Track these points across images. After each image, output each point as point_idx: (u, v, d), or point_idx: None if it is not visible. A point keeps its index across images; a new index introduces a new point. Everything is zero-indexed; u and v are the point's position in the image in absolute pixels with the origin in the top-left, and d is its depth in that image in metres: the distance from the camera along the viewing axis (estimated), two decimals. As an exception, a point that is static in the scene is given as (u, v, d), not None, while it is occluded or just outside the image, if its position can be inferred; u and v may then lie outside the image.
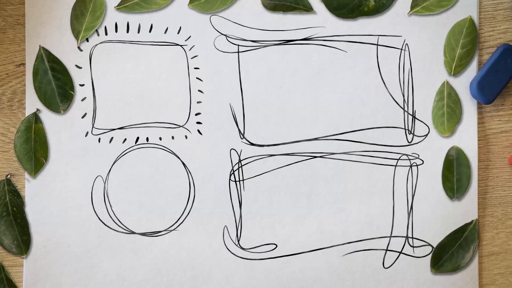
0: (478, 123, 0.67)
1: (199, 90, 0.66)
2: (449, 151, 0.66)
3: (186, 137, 0.66)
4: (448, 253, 0.66)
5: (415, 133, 0.66)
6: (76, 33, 0.65)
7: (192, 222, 0.66)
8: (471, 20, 0.65)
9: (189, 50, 0.66)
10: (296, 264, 0.66)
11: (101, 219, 0.66)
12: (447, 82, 0.66)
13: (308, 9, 0.65)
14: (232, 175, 0.66)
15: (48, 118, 0.65)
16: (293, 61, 0.66)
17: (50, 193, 0.65)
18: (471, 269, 0.66)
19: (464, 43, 0.65)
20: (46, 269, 0.65)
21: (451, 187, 0.66)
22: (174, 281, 0.66)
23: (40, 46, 0.65)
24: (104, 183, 0.66)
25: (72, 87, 0.65)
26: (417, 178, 0.66)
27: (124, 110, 0.66)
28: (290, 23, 0.66)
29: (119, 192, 0.66)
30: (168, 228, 0.66)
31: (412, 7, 0.66)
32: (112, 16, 0.66)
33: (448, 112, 0.66)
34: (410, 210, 0.66)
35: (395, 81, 0.66)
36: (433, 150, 0.66)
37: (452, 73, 0.66)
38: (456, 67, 0.66)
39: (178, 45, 0.66)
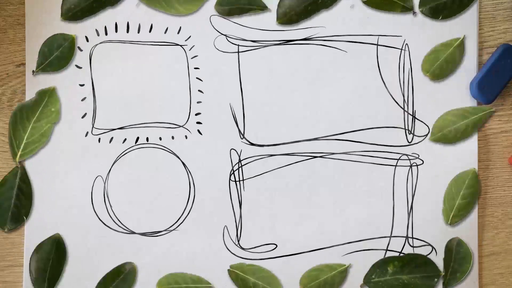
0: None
1: (199, 90, 0.66)
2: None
3: (186, 137, 0.66)
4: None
5: (415, 133, 0.66)
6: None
7: (192, 222, 0.66)
8: (474, 173, 0.65)
9: (189, 50, 0.66)
10: (296, 264, 0.66)
11: (101, 219, 0.66)
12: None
13: (263, 7, 0.65)
14: (232, 175, 0.66)
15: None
16: (293, 61, 0.66)
17: (50, 193, 0.65)
18: (471, 268, 0.66)
19: (465, 195, 0.65)
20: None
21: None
22: (174, 281, 0.66)
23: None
24: (104, 183, 0.66)
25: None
26: (417, 178, 0.66)
27: (124, 110, 0.66)
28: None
29: (119, 192, 0.66)
30: (168, 228, 0.66)
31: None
32: (112, 16, 0.66)
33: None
34: (410, 210, 0.66)
35: (395, 81, 0.66)
36: (433, 150, 0.66)
37: (449, 223, 0.66)
38: (454, 216, 0.66)
39: (178, 45, 0.66)
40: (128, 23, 0.66)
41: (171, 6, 0.65)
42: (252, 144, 0.66)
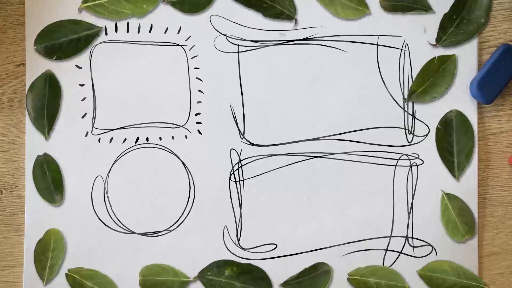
0: (478, 123, 0.67)
1: (199, 90, 0.66)
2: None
3: (186, 137, 0.66)
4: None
5: (415, 133, 0.66)
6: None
7: (192, 222, 0.66)
8: None
9: (189, 50, 0.66)
10: (296, 264, 0.66)
11: (101, 219, 0.66)
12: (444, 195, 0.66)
13: (427, 8, 0.65)
14: (232, 175, 0.66)
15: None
16: (293, 61, 0.66)
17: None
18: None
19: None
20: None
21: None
22: (174, 281, 0.66)
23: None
24: (104, 183, 0.66)
25: None
26: (417, 178, 0.66)
27: (124, 110, 0.66)
28: (290, 23, 0.66)
29: (119, 192, 0.66)
30: (168, 228, 0.66)
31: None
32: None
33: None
34: (410, 210, 0.66)
35: (395, 81, 0.66)
36: (433, 150, 0.66)
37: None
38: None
39: (178, 45, 0.66)
40: (128, 23, 0.66)
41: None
42: (252, 144, 0.66)
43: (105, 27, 0.66)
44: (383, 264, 0.66)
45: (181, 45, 0.66)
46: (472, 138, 0.66)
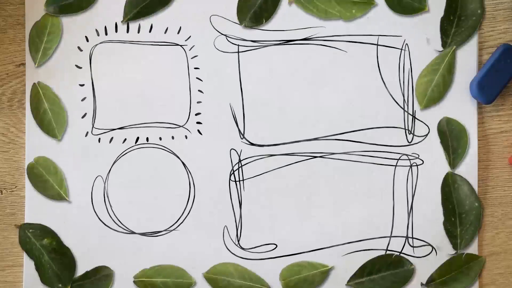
0: (478, 123, 0.67)
1: (199, 90, 0.66)
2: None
3: (186, 137, 0.66)
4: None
5: (415, 133, 0.66)
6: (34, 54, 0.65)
7: (192, 222, 0.66)
8: None
9: (189, 50, 0.66)
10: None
11: (101, 219, 0.66)
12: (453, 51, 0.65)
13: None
14: (232, 175, 0.66)
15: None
16: (293, 61, 0.66)
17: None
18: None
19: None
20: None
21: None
22: (174, 281, 0.66)
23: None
24: (104, 183, 0.66)
25: None
26: (417, 178, 0.66)
27: (124, 110, 0.66)
28: (290, 23, 0.66)
29: (119, 192, 0.66)
30: (168, 228, 0.66)
31: None
32: (112, 16, 0.66)
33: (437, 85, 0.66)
34: (410, 210, 0.66)
35: (395, 81, 0.66)
36: (433, 150, 0.66)
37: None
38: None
39: (178, 45, 0.66)
40: (128, 23, 0.66)
41: None
42: (252, 144, 0.66)
43: (105, 27, 0.66)
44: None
45: (181, 45, 0.66)
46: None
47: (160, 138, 0.66)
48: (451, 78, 0.66)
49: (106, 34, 0.66)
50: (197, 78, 0.66)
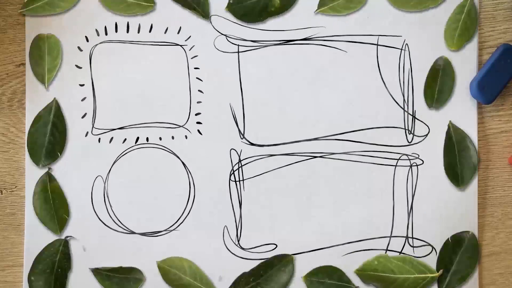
0: (478, 123, 0.67)
1: (199, 90, 0.66)
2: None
3: (186, 137, 0.66)
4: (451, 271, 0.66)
5: (415, 133, 0.66)
6: (40, 77, 0.65)
7: (192, 222, 0.66)
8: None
9: (189, 50, 0.66)
10: (296, 264, 0.66)
11: (101, 219, 0.66)
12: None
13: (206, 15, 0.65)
14: (232, 175, 0.66)
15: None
16: (293, 61, 0.66)
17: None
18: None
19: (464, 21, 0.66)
20: (46, 269, 0.66)
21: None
22: (174, 281, 0.66)
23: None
24: (104, 183, 0.66)
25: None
26: (417, 178, 0.66)
27: (124, 110, 0.66)
28: (290, 23, 0.66)
29: (119, 192, 0.66)
30: (168, 228, 0.66)
31: (319, 6, 0.66)
32: (112, 16, 0.66)
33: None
34: (410, 210, 0.66)
35: (395, 81, 0.66)
36: (433, 150, 0.66)
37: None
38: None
39: (178, 45, 0.66)
40: (128, 23, 0.66)
41: (55, 5, 0.65)
42: (252, 144, 0.66)
43: (105, 27, 0.66)
44: (383, 264, 0.66)
45: (181, 45, 0.66)
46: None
47: (160, 138, 0.66)
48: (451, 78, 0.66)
49: (106, 34, 0.66)
50: (197, 78, 0.66)
